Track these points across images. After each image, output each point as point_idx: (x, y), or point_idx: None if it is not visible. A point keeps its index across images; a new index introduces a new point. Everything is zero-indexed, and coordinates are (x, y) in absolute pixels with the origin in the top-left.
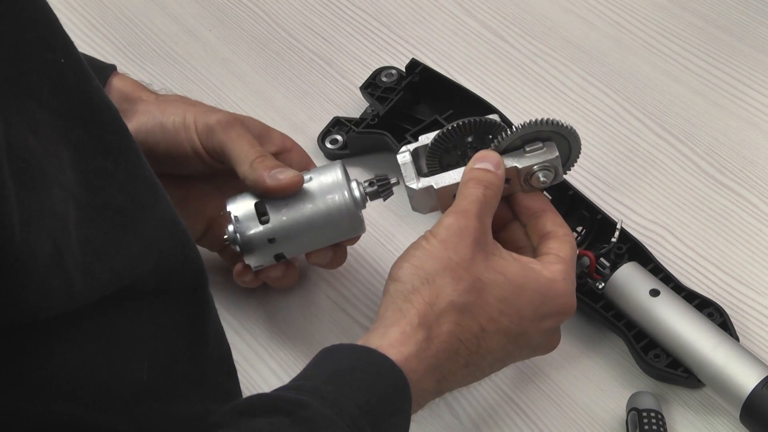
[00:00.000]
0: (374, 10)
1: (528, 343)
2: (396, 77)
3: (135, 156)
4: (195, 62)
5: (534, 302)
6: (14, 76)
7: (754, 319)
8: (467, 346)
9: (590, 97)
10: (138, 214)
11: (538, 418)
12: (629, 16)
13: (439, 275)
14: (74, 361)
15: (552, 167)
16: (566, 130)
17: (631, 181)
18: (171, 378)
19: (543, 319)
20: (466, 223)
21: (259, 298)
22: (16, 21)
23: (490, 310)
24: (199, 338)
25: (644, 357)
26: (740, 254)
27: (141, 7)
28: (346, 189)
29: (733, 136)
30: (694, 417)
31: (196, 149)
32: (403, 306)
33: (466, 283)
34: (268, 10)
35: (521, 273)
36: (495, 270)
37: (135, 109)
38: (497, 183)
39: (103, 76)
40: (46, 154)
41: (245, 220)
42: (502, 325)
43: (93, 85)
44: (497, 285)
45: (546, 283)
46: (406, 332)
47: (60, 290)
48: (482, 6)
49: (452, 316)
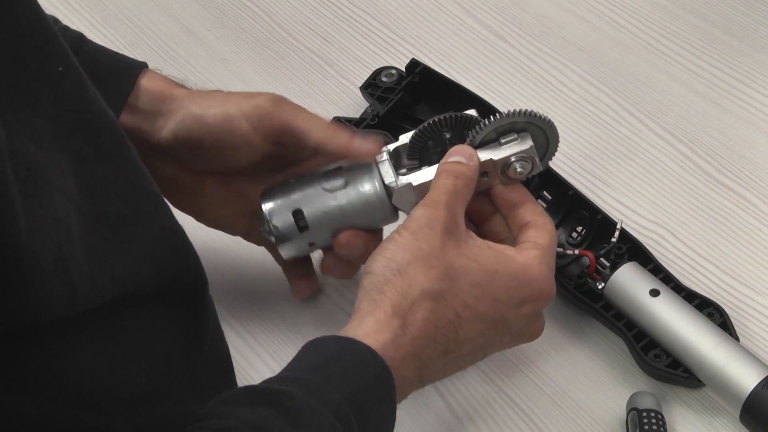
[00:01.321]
0: (374, 10)
1: (508, 329)
2: (396, 77)
3: (133, 164)
4: (195, 62)
5: (509, 287)
6: (13, 84)
7: (754, 319)
8: (444, 333)
9: (590, 97)
10: (138, 222)
11: (538, 418)
12: (629, 16)
13: (410, 265)
14: (74, 365)
15: (528, 158)
16: (540, 120)
17: (631, 181)
18: (169, 380)
19: (520, 305)
20: (435, 213)
21: (259, 299)
22: (13, 30)
23: (464, 296)
24: (197, 341)
25: (644, 357)
26: (740, 254)
27: (141, 7)
28: (377, 179)
29: (733, 136)
30: (694, 417)
31: (245, 137)
32: (377, 297)
33: (437, 270)
34: (268, 10)
35: (494, 258)
36: (467, 257)
37: (169, 108)
38: (468, 173)
39: (132, 74)
40: (48, 162)
41: (285, 229)
42: (478, 311)
43: (90, 93)
44: (470, 271)
45: (520, 268)
46: (381, 321)
47: (62, 296)
48: (482, 6)
49: (426, 303)
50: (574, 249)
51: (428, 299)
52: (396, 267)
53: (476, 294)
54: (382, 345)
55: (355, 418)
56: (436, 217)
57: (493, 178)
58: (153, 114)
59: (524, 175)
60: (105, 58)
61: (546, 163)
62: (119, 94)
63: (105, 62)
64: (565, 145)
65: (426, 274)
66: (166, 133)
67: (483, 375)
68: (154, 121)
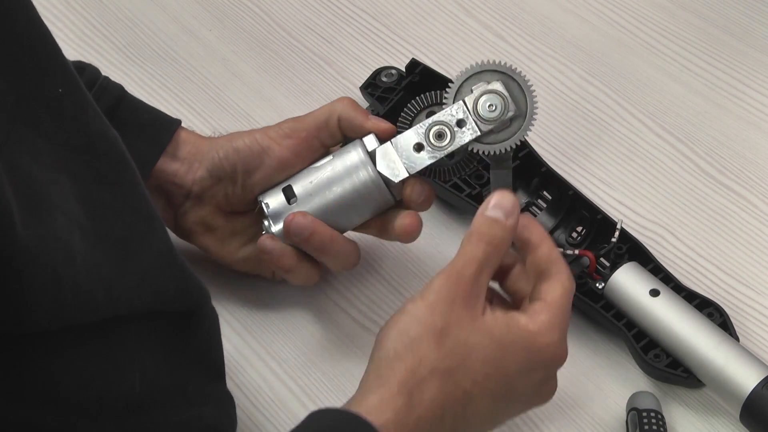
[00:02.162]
0: (374, 10)
1: (518, 398)
2: (396, 77)
3: (130, 187)
4: (195, 62)
5: (519, 360)
6: (13, 103)
7: (754, 319)
8: (452, 412)
9: (590, 97)
10: (135, 245)
11: (537, 418)
12: (629, 16)
13: (422, 340)
14: (67, 372)
15: (496, 92)
16: (507, 68)
17: (631, 181)
18: (162, 389)
19: (530, 373)
20: (456, 288)
21: (259, 299)
22: (14, 49)
23: (474, 374)
24: (192, 353)
25: (644, 357)
26: (740, 254)
27: (141, 7)
28: (360, 147)
29: (733, 136)
30: (694, 417)
31: (276, 154)
32: (385, 373)
33: (448, 347)
34: (268, 10)
35: (507, 331)
36: (481, 332)
37: (203, 152)
38: (504, 236)
39: (170, 128)
40: (49, 182)
41: (277, 204)
42: (488, 388)
43: (90, 114)
44: (482, 347)
45: (531, 338)
46: (385, 399)
47: (50, 313)
48: (482, 6)
49: (434, 382)
50: (574, 249)
51: (437, 378)
52: (408, 341)
53: (487, 371)
54: (383, 424)
55: None
56: (456, 292)
57: (469, 128)
58: (189, 160)
59: (497, 117)
60: (145, 111)
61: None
62: (158, 145)
63: (145, 115)
64: (565, 145)
65: (437, 351)
66: (201, 173)
67: None
68: (191, 166)
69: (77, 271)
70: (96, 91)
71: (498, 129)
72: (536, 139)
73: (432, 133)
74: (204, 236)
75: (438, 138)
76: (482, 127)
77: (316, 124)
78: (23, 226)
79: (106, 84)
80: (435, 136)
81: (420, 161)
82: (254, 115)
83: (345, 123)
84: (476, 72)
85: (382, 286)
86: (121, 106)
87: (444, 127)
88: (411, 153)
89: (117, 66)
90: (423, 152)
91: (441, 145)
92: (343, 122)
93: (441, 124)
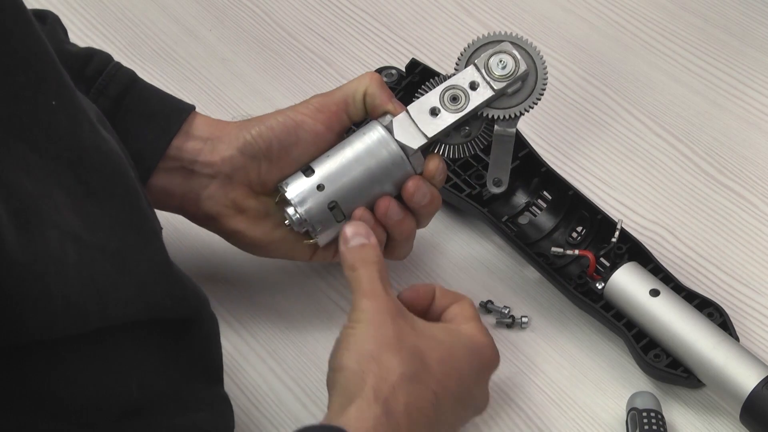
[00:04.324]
0: (374, 10)
1: (472, 401)
2: (396, 77)
3: (123, 200)
4: (195, 62)
5: (467, 360)
6: (5, 117)
7: (754, 319)
8: (426, 414)
9: (590, 97)
10: (129, 258)
11: (538, 418)
12: (629, 16)
13: (383, 351)
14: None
15: (505, 52)
16: (514, 37)
17: (631, 181)
18: (159, 395)
19: (479, 376)
20: (378, 302)
21: (259, 299)
22: (8, 63)
23: (435, 374)
24: (189, 359)
25: (644, 357)
26: (740, 254)
27: (141, 7)
28: (378, 123)
29: (733, 136)
30: (694, 417)
31: (311, 128)
32: (355, 387)
33: (406, 353)
34: (268, 10)
35: (446, 334)
36: (425, 336)
37: (228, 132)
38: (377, 253)
39: (181, 116)
40: (41, 196)
41: (301, 186)
42: (450, 388)
43: (84, 127)
44: (432, 349)
45: (468, 340)
46: (363, 409)
47: (44, 328)
48: (482, 6)
49: (405, 387)
50: (574, 249)
51: (407, 382)
52: (368, 355)
53: (445, 370)
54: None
55: None
56: (382, 306)
57: (484, 88)
58: (212, 140)
59: (509, 73)
60: (155, 98)
61: (540, 81)
62: (167, 134)
63: (155, 102)
64: (565, 145)
65: (398, 358)
66: (230, 152)
67: None
68: (216, 146)
69: (69, 284)
70: (104, 79)
71: (511, 90)
72: (536, 139)
73: (447, 97)
74: (235, 219)
75: (453, 101)
76: (495, 85)
77: (345, 98)
78: (14, 243)
79: (115, 71)
80: (450, 99)
81: (437, 125)
82: (254, 115)
83: (369, 99)
84: (484, 43)
85: None
86: (130, 95)
87: (458, 90)
88: (427, 118)
89: None
90: (439, 116)
91: (456, 107)
92: (367, 97)
93: (455, 88)
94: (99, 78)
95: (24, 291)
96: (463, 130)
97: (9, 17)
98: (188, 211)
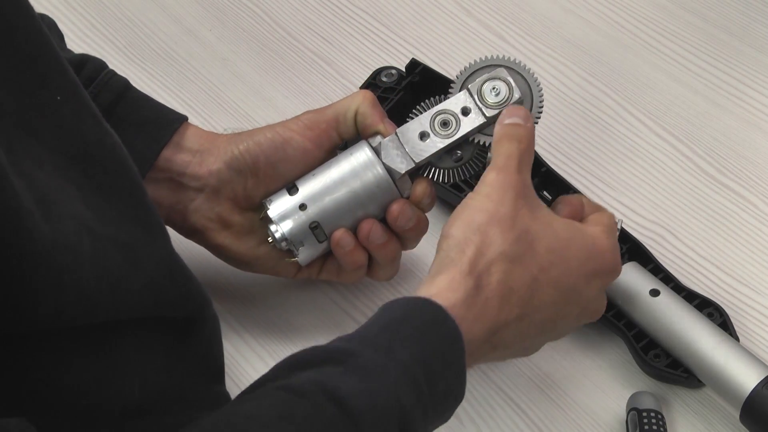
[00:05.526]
0: (374, 10)
1: (578, 300)
2: (396, 77)
3: (129, 194)
4: (195, 62)
5: (580, 257)
6: (14, 112)
7: (754, 319)
8: (520, 295)
9: (590, 97)
10: (138, 251)
11: (538, 418)
12: (629, 16)
13: (489, 226)
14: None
15: (497, 78)
16: (511, 62)
17: (631, 181)
18: (161, 394)
19: (591, 278)
20: (507, 177)
21: (260, 299)
22: (13, 58)
23: (540, 260)
24: (192, 359)
25: (644, 357)
26: (740, 254)
27: (141, 7)
28: (365, 144)
29: (733, 136)
30: (694, 417)
31: (299, 145)
32: (454, 256)
33: (515, 233)
34: (268, 10)
35: (566, 227)
36: (541, 222)
37: (217, 146)
38: (528, 136)
39: (172, 126)
40: (57, 188)
41: (284, 205)
42: (553, 277)
43: (88, 121)
44: (545, 236)
45: (590, 240)
46: (455, 279)
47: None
48: (482, 6)
49: (502, 265)
50: None
51: (506, 261)
52: (475, 227)
53: (551, 259)
54: (453, 304)
55: (424, 377)
56: (508, 182)
57: (475, 115)
58: (201, 152)
59: (502, 101)
60: (147, 107)
61: (535, 109)
62: (157, 143)
63: (147, 111)
64: (565, 145)
65: (504, 236)
66: (218, 165)
67: (483, 375)
68: (204, 159)
69: (84, 275)
70: (95, 87)
71: None
72: (536, 139)
73: (437, 122)
74: (220, 233)
75: (443, 126)
76: (487, 112)
77: (336, 116)
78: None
79: (108, 79)
80: (440, 124)
81: (425, 150)
82: (254, 115)
83: (360, 118)
84: (480, 67)
85: (382, 287)
86: (122, 103)
87: (449, 116)
88: (416, 142)
89: (117, 66)
90: (428, 140)
91: (446, 133)
92: (359, 116)
93: (446, 113)
94: (91, 85)
95: (40, 278)
96: (454, 155)
97: (13, 13)
98: (175, 223)
